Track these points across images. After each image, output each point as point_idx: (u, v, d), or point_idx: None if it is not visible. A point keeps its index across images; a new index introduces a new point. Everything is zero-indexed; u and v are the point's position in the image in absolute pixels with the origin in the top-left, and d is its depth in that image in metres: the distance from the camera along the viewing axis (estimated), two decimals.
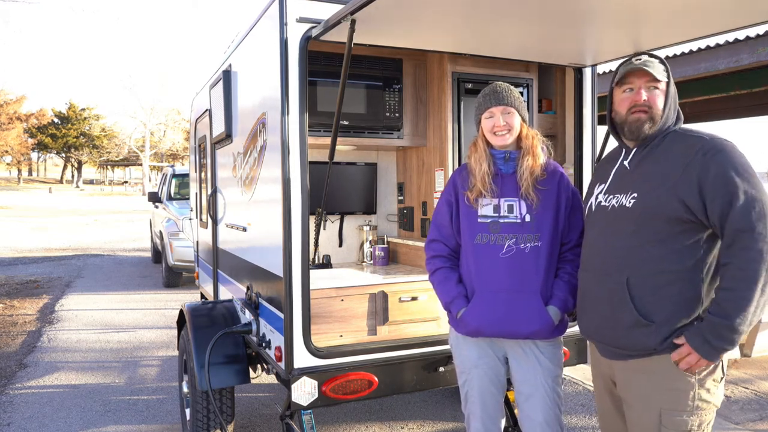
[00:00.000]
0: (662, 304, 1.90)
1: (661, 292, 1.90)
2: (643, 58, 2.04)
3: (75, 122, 56.12)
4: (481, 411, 2.37)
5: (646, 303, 1.91)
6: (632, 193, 1.98)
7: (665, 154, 1.95)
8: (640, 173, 2.00)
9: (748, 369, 5.13)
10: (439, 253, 2.43)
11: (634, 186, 1.99)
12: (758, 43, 5.77)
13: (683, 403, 1.89)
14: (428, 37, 2.68)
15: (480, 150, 2.35)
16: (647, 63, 2.00)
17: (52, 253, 13.55)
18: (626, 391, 2.03)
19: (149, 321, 7.09)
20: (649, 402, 1.95)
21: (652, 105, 1.99)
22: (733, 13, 2.23)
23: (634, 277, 1.94)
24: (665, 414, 1.91)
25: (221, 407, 3.26)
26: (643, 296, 1.92)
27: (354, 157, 4.04)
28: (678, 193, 1.86)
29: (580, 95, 3.33)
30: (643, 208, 1.93)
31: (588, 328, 2.15)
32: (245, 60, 3.39)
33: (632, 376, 2.00)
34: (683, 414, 1.89)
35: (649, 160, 1.99)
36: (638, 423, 1.99)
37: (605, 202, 2.09)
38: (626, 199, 2.00)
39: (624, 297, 1.94)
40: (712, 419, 1.95)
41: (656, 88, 2.00)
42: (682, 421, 1.89)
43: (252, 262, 3.28)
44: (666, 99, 2.00)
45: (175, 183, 10.57)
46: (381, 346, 2.84)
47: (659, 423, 1.92)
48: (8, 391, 4.74)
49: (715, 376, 1.90)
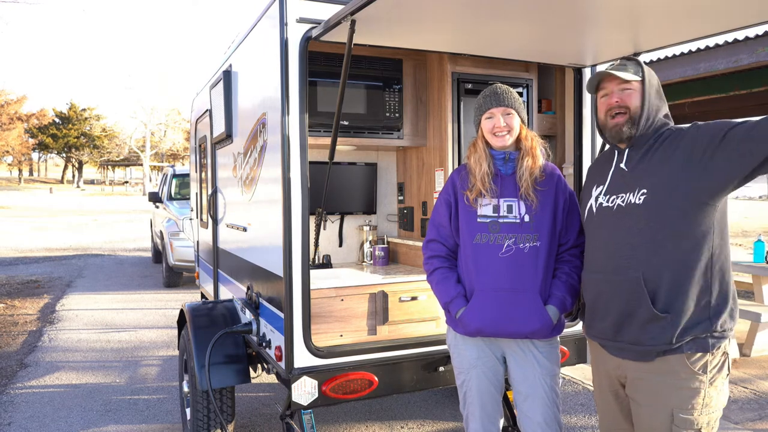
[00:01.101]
0: (676, 296, 1.92)
1: (675, 284, 1.92)
2: (616, 62, 2.11)
3: (76, 122, 56.15)
4: (480, 411, 2.37)
5: (661, 297, 1.93)
6: (640, 189, 2.00)
7: (666, 149, 1.97)
8: (644, 170, 2.01)
9: (748, 369, 5.13)
10: (438, 253, 2.44)
11: (641, 183, 2.00)
12: (758, 44, 5.77)
13: (695, 402, 1.91)
14: (428, 37, 2.69)
15: (480, 150, 2.36)
16: (618, 67, 2.07)
17: (52, 253, 13.56)
18: (638, 390, 2.03)
19: (150, 321, 7.10)
20: (661, 402, 1.96)
21: (628, 105, 2.04)
22: (733, 13, 2.23)
23: (648, 272, 1.95)
24: (677, 413, 1.92)
25: (221, 407, 3.27)
26: (658, 290, 1.94)
27: (354, 157, 4.04)
28: (689, 175, 1.89)
29: (579, 95, 3.33)
30: (655, 201, 1.95)
31: (602, 330, 2.12)
32: (245, 60, 3.40)
33: (645, 376, 2.00)
34: (694, 413, 1.91)
35: (650, 157, 2.01)
36: (649, 423, 2.00)
37: (607, 202, 2.10)
38: (635, 197, 2.01)
39: (641, 293, 1.95)
40: (719, 416, 1.98)
41: (627, 88, 2.05)
42: (694, 420, 1.91)
43: (252, 262, 3.28)
44: (643, 96, 2.03)
45: (175, 183, 10.58)
46: (381, 345, 2.85)
47: (671, 422, 1.93)
48: (9, 391, 4.75)
49: (722, 374, 1.94)
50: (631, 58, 2.12)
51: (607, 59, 3.06)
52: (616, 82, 2.06)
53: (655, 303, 1.93)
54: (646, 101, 2.02)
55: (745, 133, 1.81)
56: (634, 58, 2.12)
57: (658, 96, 2.06)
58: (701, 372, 1.91)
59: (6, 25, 40.19)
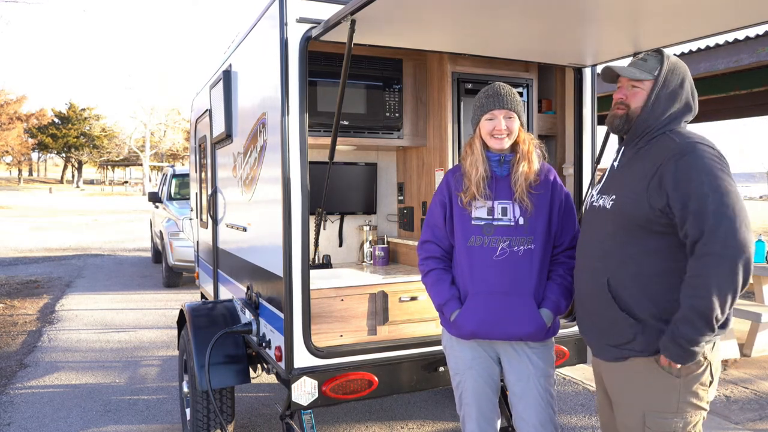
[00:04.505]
0: (644, 304, 1.90)
1: (642, 292, 1.91)
2: (641, 54, 2.04)
3: (75, 122, 56.10)
4: (476, 412, 2.37)
5: (628, 303, 1.93)
6: (612, 194, 2.00)
7: (644, 158, 1.95)
8: (622, 175, 2.01)
9: (748, 369, 5.13)
10: (433, 254, 2.43)
11: (615, 187, 2.01)
12: (758, 43, 5.78)
13: (666, 405, 1.89)
14: (428, 37, 2.69)
15: (477, 153, 2.33)
16: (635, 62, 2.03)
17: (52, 253, 13.55)
18: (612, 391, 2.06)
19: (149, 321, 7.10)
20: (633, 403, 1.96)
21: (629, 103, 2.01)
22: (733, 13, 2.23)
23: (614, 278, 1.96)
24: (648, 416, 1.92)
25: (221, 407, 3.27)
26: (625, 297, 1.93)
27: (354, 157, 4.04)
28: (649, 196, 1.86)
29: (579, 95, 3.33)
30: (619, 210, 1.95)
31: (581, 327, 2.19)
32: (245, 60, 3.39)
33: (617, 377, 2.01)
34: (667, 416, 1.89)
35: (632, 162, 2.00)
36: (624, 423, 2.01)
37: (596, 202, 2.11)
38: (607, 201, 2.01)
39: (607, 297, 1.96)
40: (700, 421, 1.94)
41: (635, 87, 2.00)
42: (666, 423, 1.89)
43: (252, 262, 3.28)
44: (649, 96, 1.97)
45: (175, 183, 10.57)
46: (381, 346, 2.84)
47: (643, 424, 1.93)
48: (9, 391, 4.74)
49: (703, 379, 1.89)
50: (659, 52, 2.02)
51: (608, 59, 3.06)
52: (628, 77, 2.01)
53: (624, 307, 1.93)
54: (650, 102, 1.96)
55: (690, 247, 1.79)
56: (660, 53, 2.02)
57: (670, 98, 1.96)
58: (675, 375, 1.88)
59: (6, 25, 40.15)
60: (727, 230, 1.71)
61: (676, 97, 1.97)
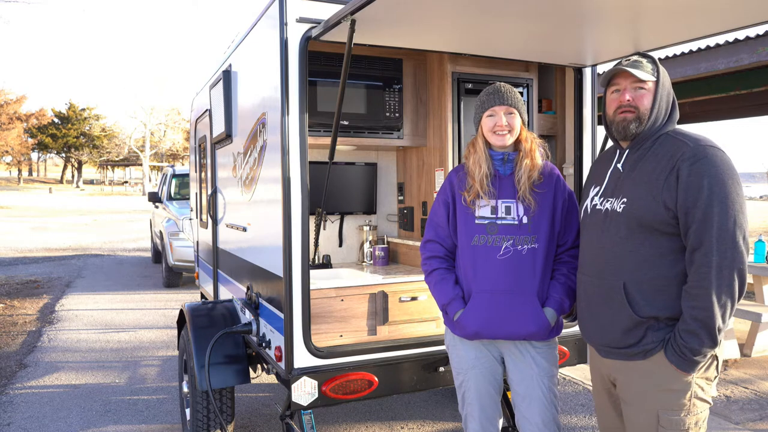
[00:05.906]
0: (659, 306, 1.92)
1: (657, 295, 1.92)
2: (632, 58, 2.04)
3: (75, 122, 56.11)
4: (479, 412, 2.37)
5: (643, 306, 1.94)
6: (623, 197, 2.00)
7: (654, 160, 1.96)
8: (631, 178, 2.01)
9: (748, 369, 5.13)
10: (436, 254, 2.42)
11: (625, 190, 2.00)
12: (758, 43, 5.78)
13: (680, 403, 1.91)
14: (428, 37, 2.68)
15: (479, 151, 2.34)
16: (634, 64, 2.01)
17: (52, 253, 13.55)
18: (625, 390, 2.05)
19: (149, 321, 7.10)
20: (647, 402, 1.96)
21: (638, 105, 2.00)
22: (733, 13, 2.23)
23: (629, 281, 1.96)
24: (662, 414, 1.92)
25: (221, 407, 3.27)
26: (640, 299, 1.94)
27: (354, 157, 4.04)
28: (662, 200, 1.88)
29: (580, 95, 3.33)
30: (632, 213, 1.95)
31: (588, 330, 2.16)
32: (245, 60, 3.39)
33: (630, 376, 2.01)
34: (680, 413, 1.91)
35: (640, 164, 2.00)
36: (636, 422, 2.01)
37: (600, 205, 2.10)
38: (618, 204, 2.01)
39: (621, 300, 1.96)
40: (707, 416, 1.98)
41: (641, 88, 2.00)
42: (680, 420, 1.91)
43: (252, 262, 3.28)
44: (654, 98, 1.99)
45: (175, 183, 10.58)
46: (381, 346, 2.84)
47: (657, 423, 1.94)
48: (8, 391, 4.74)
49: (708, 374, 1.93)
50: (647, 56, 2.06)
51: (608, 59, 3.06)
52: (631, 79, 2.01)
53: (636, 309, 1.94)
54: (657, 104, 1.98)
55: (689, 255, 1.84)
56: (650, 56, 2.05)
57: (668, 98, 2.02)
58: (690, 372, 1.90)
59: (6, 24, 40.18)
60: (726, 243, 1.78)
61: (670, 97, 2.04)
